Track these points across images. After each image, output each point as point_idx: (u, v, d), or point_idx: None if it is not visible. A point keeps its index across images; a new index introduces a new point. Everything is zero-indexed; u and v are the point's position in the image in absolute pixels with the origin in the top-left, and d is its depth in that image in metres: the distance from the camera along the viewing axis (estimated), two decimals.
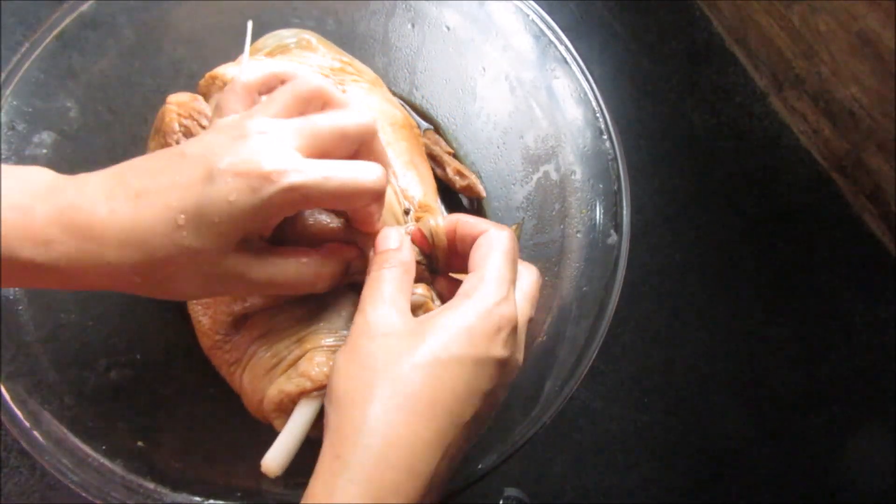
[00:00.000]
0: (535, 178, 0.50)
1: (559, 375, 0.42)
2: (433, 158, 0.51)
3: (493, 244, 0.34)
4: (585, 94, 0.47)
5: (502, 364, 0.31)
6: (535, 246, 0.49)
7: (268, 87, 0.37)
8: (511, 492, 0.55)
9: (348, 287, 0.40)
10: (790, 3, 0.62)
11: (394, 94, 0.53)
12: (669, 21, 0.70)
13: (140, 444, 0.42)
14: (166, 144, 0.42)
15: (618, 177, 0.45)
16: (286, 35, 0.48)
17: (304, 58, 0.47)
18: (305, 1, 0.52)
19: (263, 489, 0.42)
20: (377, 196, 0.34)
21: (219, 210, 0.30)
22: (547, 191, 0.49)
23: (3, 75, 0.45)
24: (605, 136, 0.46)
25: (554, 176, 0.49)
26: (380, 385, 0.30)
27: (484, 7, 0.50)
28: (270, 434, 0.44)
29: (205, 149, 0.31)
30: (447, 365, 0.30)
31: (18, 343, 0.42)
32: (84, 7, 0.45)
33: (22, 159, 0.46)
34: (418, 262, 0.38)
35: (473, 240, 0.36)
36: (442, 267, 0.39)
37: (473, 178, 0.50)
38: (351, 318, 0.38)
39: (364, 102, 0.46)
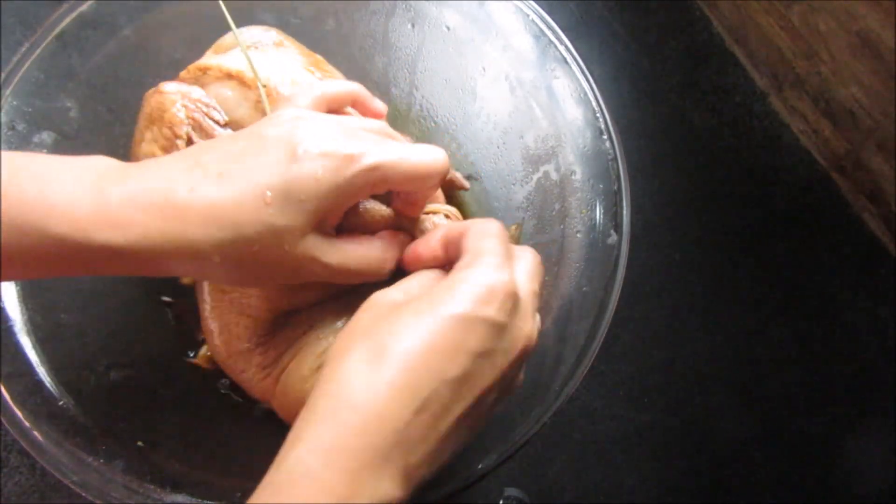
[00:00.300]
0: (535, 178, 0.50)
1: (559, 375, 0.42)
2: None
3: (483, 230, 0.34)
4: (585, 94, 0.47)
5: (497, 327, 0.30)
6: (535, 246, 0.49)
7: (340, 104, 0.39)
8: (511, 492, 0.55)
9: (376, 286, 0.40)
10: (790, 3, 0.62)
11: (393, 95, 0.54)
12: (669, 21, 0.70)
13: (140, 444, 0.42)
14: (173, 136, 0.41)
15: (618, 177, 0.45)
16: (255, 33, 0.47)
17: (278, 53, 0.46)
18: (305, 1, 0.52)
19: None
20: (443, 177, 0.35)
21: (306, 187, 0.31)
22: (547, 191, 0.49)
23: (3, 75, 0.45)
24: (605, 136, 0.46)
25: (554, 176, 0.49)
26: (358, 341, 0.30)
27: (484, 7, 0.50)
28: (270, 434, 0.44)
29: (285, 132, 0.32)
30: (425, 319, 0.29)
31: (18, 343, 0.42)
32: (84, 7, 0.45)
33: None
34: None
35: (462, 238, 0.36)
36: None
37: (454, 173, 0.50)
38: None
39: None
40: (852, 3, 0.56)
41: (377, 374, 0.28)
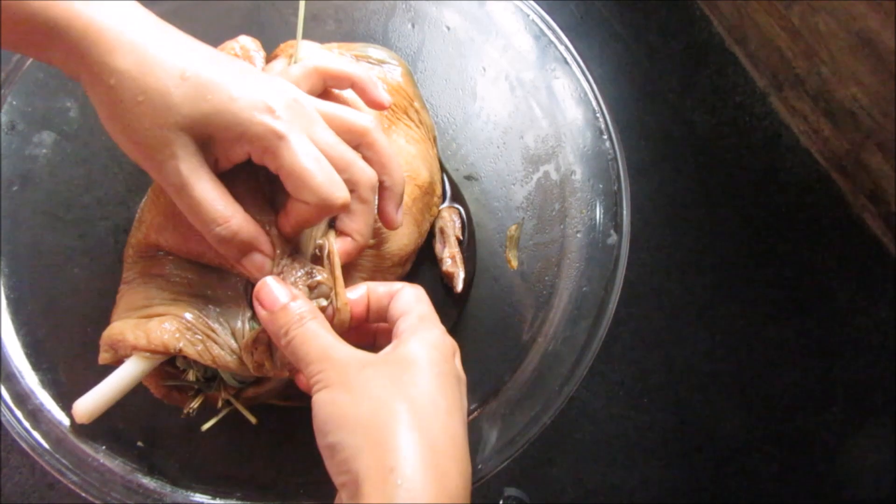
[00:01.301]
0: (535, 178, 0.50)
1: (559, 375, 0.42)
2: (441, 232, 0.51)
3: (415, 295, 0.37)
4: (585, 94, 0.47)
5: (463, 383, 0.35)
6: (535, 246, 0.49)
7: (338, 82, 0.41)
8: (511, 492, 0.55)
9: (247, 284, 0.39)
10: (790, 2, 0.62)
11: None
12: (669, 21, 0.70)
13: (140, 444, 0.42)
14: None
15: (618, 177, 0.45)
16: (381, 55, 0.50)
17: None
18: (305, 1, 0.52)
19: (263, 489, 0.42)
20: (335, 211, 0.37)
21: (220, 99, 0.33)
22: (547, 191, 0.49)
23: (3, 75, 0.45)
24: (605, 136, 0.46)
25: (554, 176, 0.49)
26: (398, 403, 0.31)
27: (484, 7, 0.50)
28: (270, 434, 0.44)
29: (255, 78, 0.36)
30: (445, 379, 0.33)
31: (18, 343, 0.42)
32: None
33: (22, 159, 0.46)
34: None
35: (390, 298, 0.37)
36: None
37: (459, 272, 0.50)
38: (228, 314, 0.39)
39: (403, 149, 0.47)
40: (852, 3, 0.56)
41: (443, 423, 0.31)
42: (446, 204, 0.52)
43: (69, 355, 0.43)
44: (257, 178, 0.39)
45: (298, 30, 0.43)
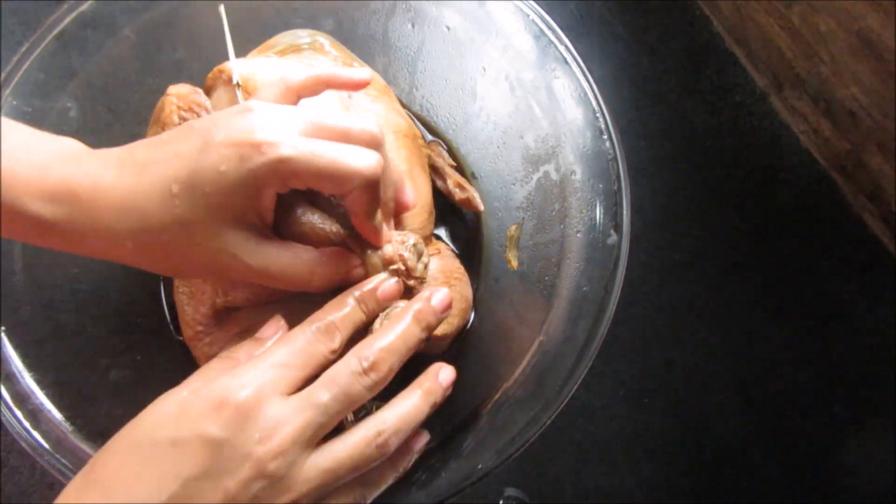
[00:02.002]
0: (535, 178, 0.50)
1: (559, 375, 0.42)
2: (435, 170, 0.51)
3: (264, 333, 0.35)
4: (585, 94, 0.47)
5: (216, 445, 0.28)
6: (535, 246, 0.49)
7: (312, 91, 0.38)
8: (511, 492, 0.55)
9: (332, 294, 0.40)
10: (790, 2, 0.62)
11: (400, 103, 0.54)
12: (669, 21, 0.70)
13: None
14: None
15: (618, 177, 0.45)
16: (301, 35, 0.48)
17: (314, 59, 0.47)
18: (305, 1, 0.52)
19: None
20: (367, 183, 0.33)
21: (210, 180, 0.30)
22: (547, 191, 0.49)
23: (3, 75, 0.45)
24: (605, 136, 0.46)
25: (554, 176, 0.49)
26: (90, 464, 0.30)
27: (484, 7, 0.50)
28: None
29: (210, 122, 0.32)
30: (136, 448, 0.29)
31: (18, 343, 0.42)
32: (84, 7, 0.45)
33: None
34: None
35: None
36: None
37: (473, 192, 0.51)
38: None
39: (369, 109, 0.47)
40: (852, 3, 0.56)
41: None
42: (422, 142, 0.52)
43: (69, 355, 0.43)
44: (305, 201, 0.38)
45: (229, 49, 0.42)
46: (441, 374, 0.35)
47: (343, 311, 0.34)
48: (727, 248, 0.64)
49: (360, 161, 0.32)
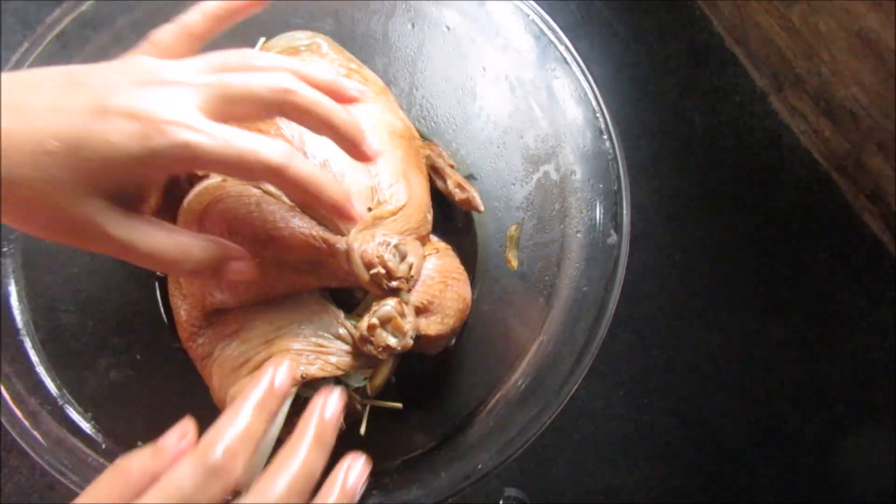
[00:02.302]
0: (535, 178, 0.50)
1: (559, 375, 0.42)
2: (435, 170, 0.51)
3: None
4: (585, 94, 0.47)
5: None
6: (535, 246, 0.49)
7: (212, 34, 0.35)
8: (511, 492, 0.55)
9: (322, 293, 0.40)
10: (790, 2, 0.62)
11: (393, 95, 0.53)
12: (669, 21, 0.70)
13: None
14: None
15: (618, 177, 0.45)
16: (299, 37, 0.49)
17: (311, 61, 0.47)
18: (305, 1, 0.52)
19: None
20: (274, 174, 0.31)
21: (96, 148, 0.28)
22: (547, 191, 0.49)
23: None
24: (605, 136, 0.46)
25: (554, 176, 0.49)
26: None
27: (484, 7, 0.50)
28: None
29: (101, 79, 0.30)
30: None
31: (18, 343, 0.42)
32: (84, 7, 0.45)
33: None
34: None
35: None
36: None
37: (472, 192, 0.51)
38: (323, 326, 0.39)
39: (363, 110, 0.46)
40: (852, 3, 0.56)
41: None
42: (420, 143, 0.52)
43: (69, 355, 0.43)
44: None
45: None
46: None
47: (239, 425, 0.29)
48: (727, 247, 0.64)
49: (269, 152, 0.30)
